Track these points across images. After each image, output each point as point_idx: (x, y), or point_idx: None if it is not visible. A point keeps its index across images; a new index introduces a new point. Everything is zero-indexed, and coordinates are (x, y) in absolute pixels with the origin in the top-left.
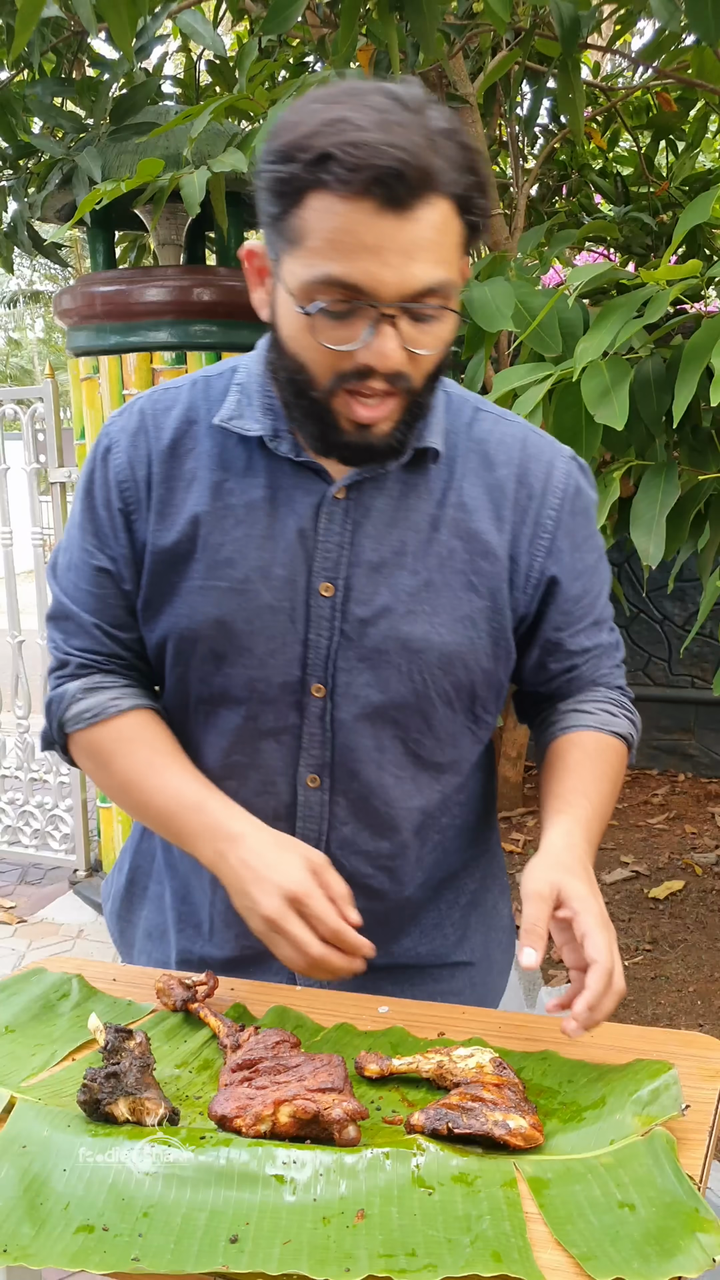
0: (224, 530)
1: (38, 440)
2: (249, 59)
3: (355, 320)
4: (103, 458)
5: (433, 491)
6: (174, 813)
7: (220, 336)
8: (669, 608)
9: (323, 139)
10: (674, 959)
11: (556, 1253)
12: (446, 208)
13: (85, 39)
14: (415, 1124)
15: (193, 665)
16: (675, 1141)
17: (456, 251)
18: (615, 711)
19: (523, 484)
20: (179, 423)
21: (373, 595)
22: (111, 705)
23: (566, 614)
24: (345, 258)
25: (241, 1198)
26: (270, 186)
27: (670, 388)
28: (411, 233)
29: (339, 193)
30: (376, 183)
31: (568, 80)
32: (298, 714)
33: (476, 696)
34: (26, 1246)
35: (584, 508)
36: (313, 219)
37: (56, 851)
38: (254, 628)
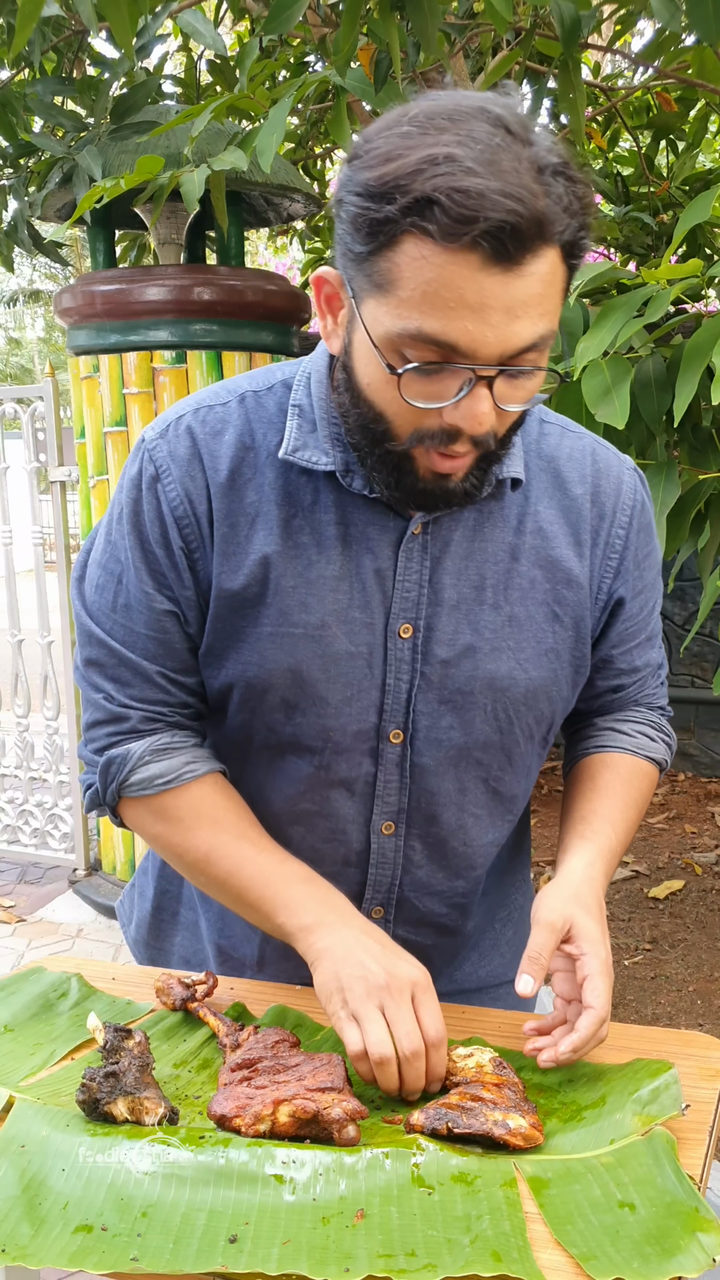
0: (296, 572)
1: (38, 439)
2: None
3: (446, 378)
4: (150, 485)
5: (509, 519)
6: (273, 883)
7: (220, 335)
8: (669, 607)
9: (426, 181)
10: (674, 958)
11: (556, 1252)
12: (554, 256)
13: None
14: (415, 1124)
15: (260, 713)
16: (675, 1141)
17: (559, 301)
18: (654, 735)
19: (595, 503)
20: (235, 449)
21: (455, 635)
22: (188, 771)
23: (623, 632)
24: (442, 314)
25: (241, 1197)
26: (357, 222)
27: (671, 387)
28: (518, 289)
29: (441, 243)
30: (485, 236)
31: (568, 80)
32: (373, 761)
33: (554, 726)
34: (25, 1246)
35: (647, 523)
36: (407, 266)
37: (56, 850)
38: (330, 675)
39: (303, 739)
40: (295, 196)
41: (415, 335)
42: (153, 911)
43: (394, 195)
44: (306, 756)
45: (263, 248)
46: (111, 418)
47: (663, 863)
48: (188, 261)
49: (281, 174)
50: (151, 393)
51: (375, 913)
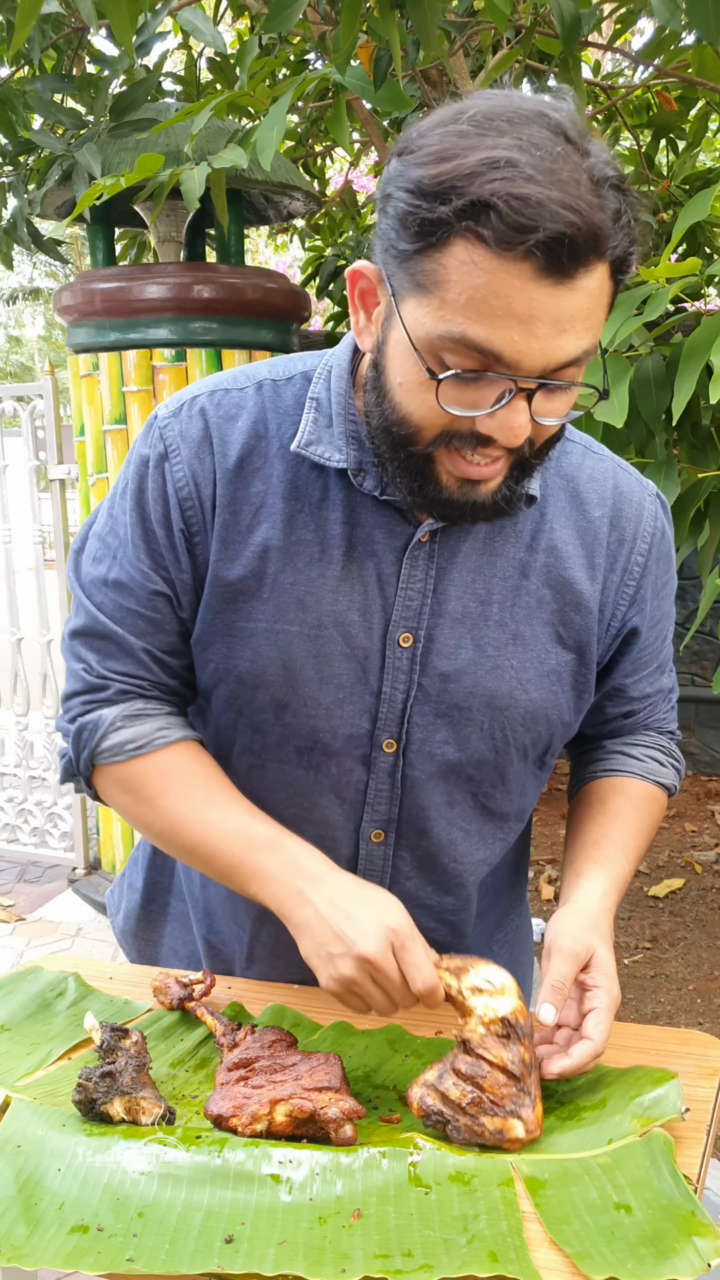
0: (296, 568)
1: (37, 437)
2: (249, 56)
3: (484, 386)
4: (157, 464)
5: (522, 534)
6: (238, 852)
7: (220, 333)
8: None
9: (484, 184)
10: (673, 957)
11: (552, 1252)
12: (604, 272)
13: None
14: (414, 1109)
15: (249, 711)
16: (673, 1143)
17: (604, 316)
18: (664, 760)
19: (615, 528)
20: (247, 436)
21: (456, 649)
22: (159, 736)
23: (636, 661)
24: (489, 322)
25: (237, 1197)
26: (405, 220)
27: (670, 385)
28: (568, 303)
29: (494, 249)
30: (541, 247)
31: (568, 78)
32: (364, 769)
33: (551, 748)
34: (20, 1247)
35: (667, 551)
36: (456, 270)
37: (55, 849)
38: (323, 676)
39: (291, 738)
40: (295, 194)
41: (459, 340)
42: (142, 903)
43: (449, 196)
44: (294, 758)
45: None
46: (111, 416)
47: (663, 861)
48: (187, 259)
49: (281, 172)
50: (151, 390)
51: None
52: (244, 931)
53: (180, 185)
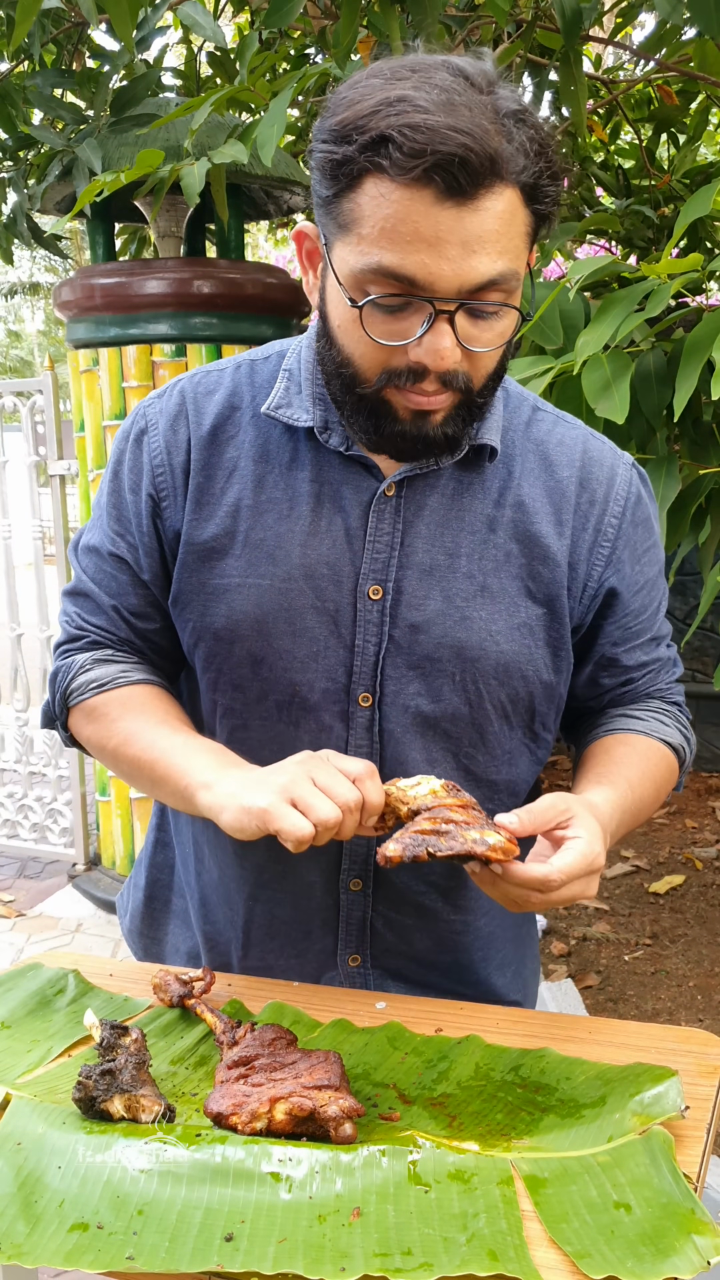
0: (266, 525)
1: (37, 433)
2: (250, 51)
3: (409, 315)
4: (137, 439)
5: (489, 491)
6: (174, 756)
7: (220, 329)
8: (670, 601)
9: (381, 120)
10: (674, 954)
11: (552, 1251)
12: (513, 196)
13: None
14: (391, 854)
15: (228, 668)
16: (673, 1141)
17: (522, 242)
18: (668, 721)
19: (585, 488)
20: (221, 408)
21: (424, 599)
22: (121, 676)
23: (625, 629)
24: (400, 248)
25: (237, 1195)
26: (323, 167)
27: (671, 381)
28: (473, 224)
29: (397, 179)
30: (437, 169)
31: (569, 72)
32: (343, 725)
33: (536, 711)
34: (20, 1244)
35: (645, 517)
36: (367, 205)
37: (55, 845)
38: (295, 629)
39: (270, 693)
40: (295, 189)
41: (376, 270)
42: (145, 901)
43: (353, 136)
44: (274, 713)
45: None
46: (111, 411)
47: (663, 857)
48: (188, 254)
49: (282, 167)
50: (151, 386)
51: (354, 885)
52: (238, 915)
53: (180, 180)
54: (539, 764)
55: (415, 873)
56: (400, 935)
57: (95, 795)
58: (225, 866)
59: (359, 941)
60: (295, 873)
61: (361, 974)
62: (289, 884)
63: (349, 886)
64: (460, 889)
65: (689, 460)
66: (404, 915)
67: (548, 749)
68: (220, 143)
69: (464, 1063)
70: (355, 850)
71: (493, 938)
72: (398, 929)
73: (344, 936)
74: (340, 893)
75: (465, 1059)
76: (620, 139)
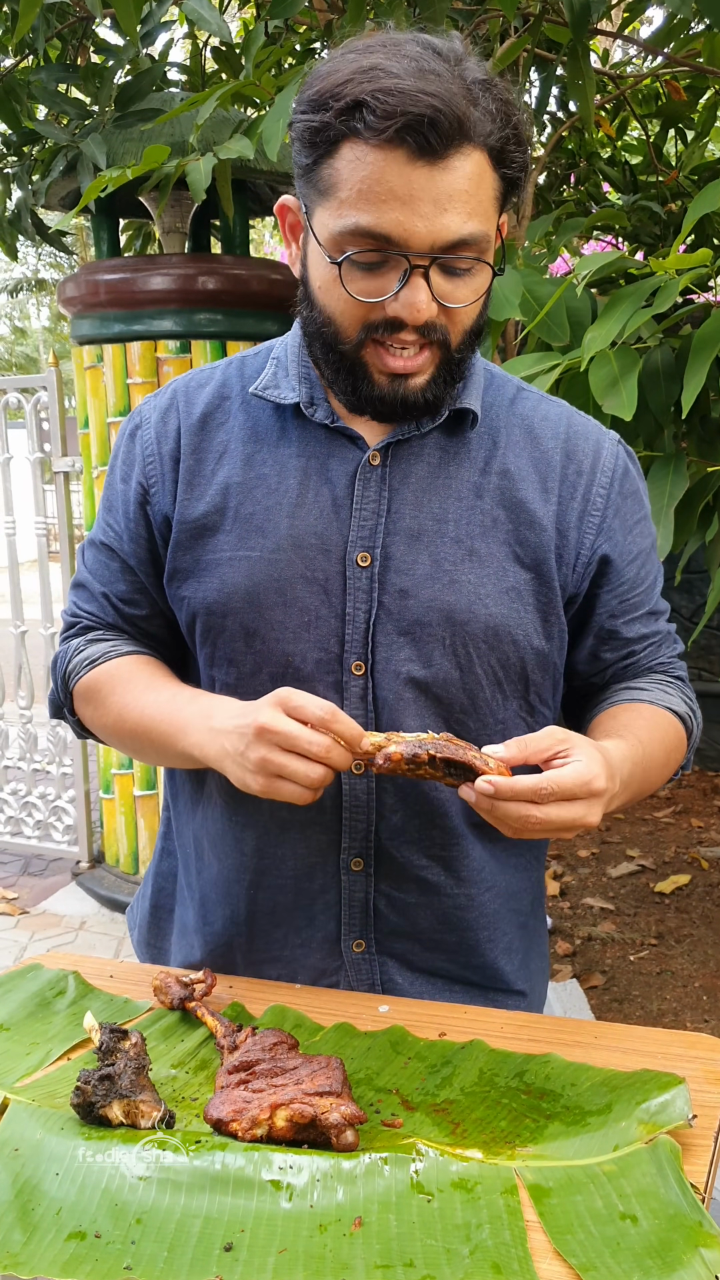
0: (255, 500)
1: (42, 429)
2: (255, 45)
3: (386, 272)
4: (131, 434)
5: (475, 459)
6: (166, 713)
7: (225, 325)
8: (676, 600)
9: (355, 87)
10: (680, 954)
11: (557, 1263)
12: (481, 159)
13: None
14: (392, 753)
15: (222, 642)
16: (680, 1151)
17: (492, 204)
18: (671, 691)
19: (571, 459)
20: (211, 397)
21: (412, 564)
22: (112, 650)
23: (622, 600)
24: (375, 207)
25: (237, 1204)
26: (302, 137)
27: (679, 378)
28: (444, 182)
29: (371, 141)
30: (409, 130)
31: (577, 67)
32: (337, 695)
33: (530, 680)
34: (17, 1254)
35: (633, 490)
36: (344, 169)
37: (59, 843)
38: (286, 599)
39: (264, 666)
40: None
41: (354, 230)
42: (151, 911)
43: (329, 103)
44: (269, 686)
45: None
46: (115, 407)
47: (669, 857)
48: (192, 250)
49: (287, 162)
50: (155, 382)
51: (355, 865)
52: (240, 909)
53: (186, 176)
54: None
55: (415, 844)
56: (404, 914)
57: (99, 793)
58: (225, 858)
59: (362, 925)
60: (295, 855)
61: (367, 960)
62: (289, 868)
63: (350, 866)
64: (462, 859)
65: (697, 458)
66: (406, 893)
67: (545, 724)
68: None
69: (468, 1068)
70: (355, 828)
71: (497, 916)
72: (400, 908)
73: (347, 920)
74: (341, 873)
75: (469, 1064)
76: (628, 134)
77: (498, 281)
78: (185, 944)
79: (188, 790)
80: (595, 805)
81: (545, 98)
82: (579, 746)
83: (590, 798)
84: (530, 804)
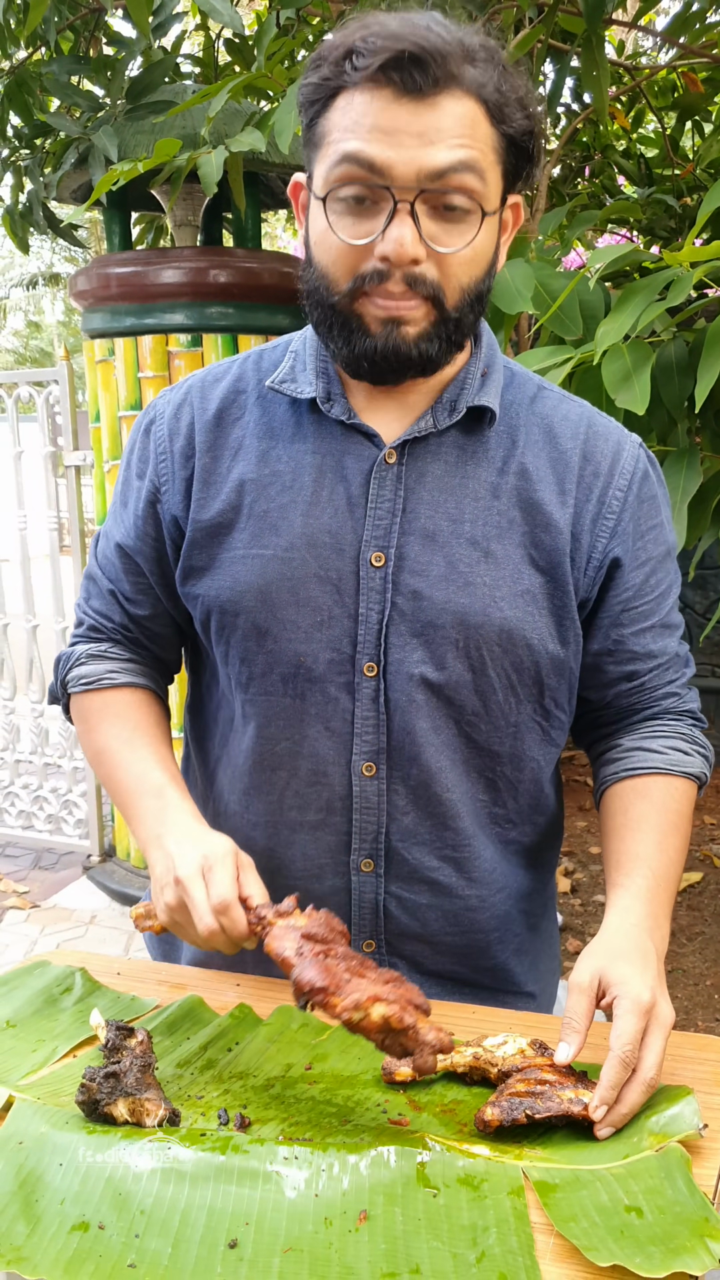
0: (269, 497)
1: (54, 423)
2: (268, 37)
3: (375, 214)
4: (146, 429)
5: (493, 459)
6: (132, 792)
7: (236, 319)
8: (690, 595)
9: (348, 37)
10: (691, 952)
11: (562, 1266)
12: (473, 106)
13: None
14: (490, 1119)
15: (234, 641)
16: (689, 1159)
17: (489, 151)
18: (687, 750)
19: (589, 460)
20: (227, 392)
21: (427, 565)
22: (107, 677)
23: (628, 606)
24: (360, 138)
25: (241, 1194)
26: (304, 98)
27: (693, 372)
28: (430, 119)
29: (360, 85)
30: (393, 66)
31: (592, 58)
32: (349, 696)
33: (544, 685)
34: (20, 1247)
35: (651, 495)
36: (337, 117)
37: (70, 837)
38: (298, 598)
39: (276, 666)
40: None
41: (340, 160)
42: None
43: (326, 58)
44: (280, 687)
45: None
46: (127, 401)
47: None
48: (204, 243)
49: (299, 154)
50: (167, 376)
51: (365, 866)
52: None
53: (198, 169)
54: (554, 746)
55: (425, 846)
56: (414, 915)
57: None
58: None
59: (373, 925)
60: (305, 856)
61: (377, 960)
62: (299, 868)
63: (360, 868)
64: (474, 860)
65: (710, 452)
66: (417, 894)
67: (562, 730)
68: (238, 130)
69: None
70: (365, 829)
71: (508, 918)
72: (411, 909)
73: (357, 920)
74: (351, 874)
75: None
76: (643, 126)
77: (511, 274)
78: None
79: (200, 788)
80: (660, 1013)
81: (559, 90)
82: (616, 984)
83: (653, 1012)
84: (636, 1081)
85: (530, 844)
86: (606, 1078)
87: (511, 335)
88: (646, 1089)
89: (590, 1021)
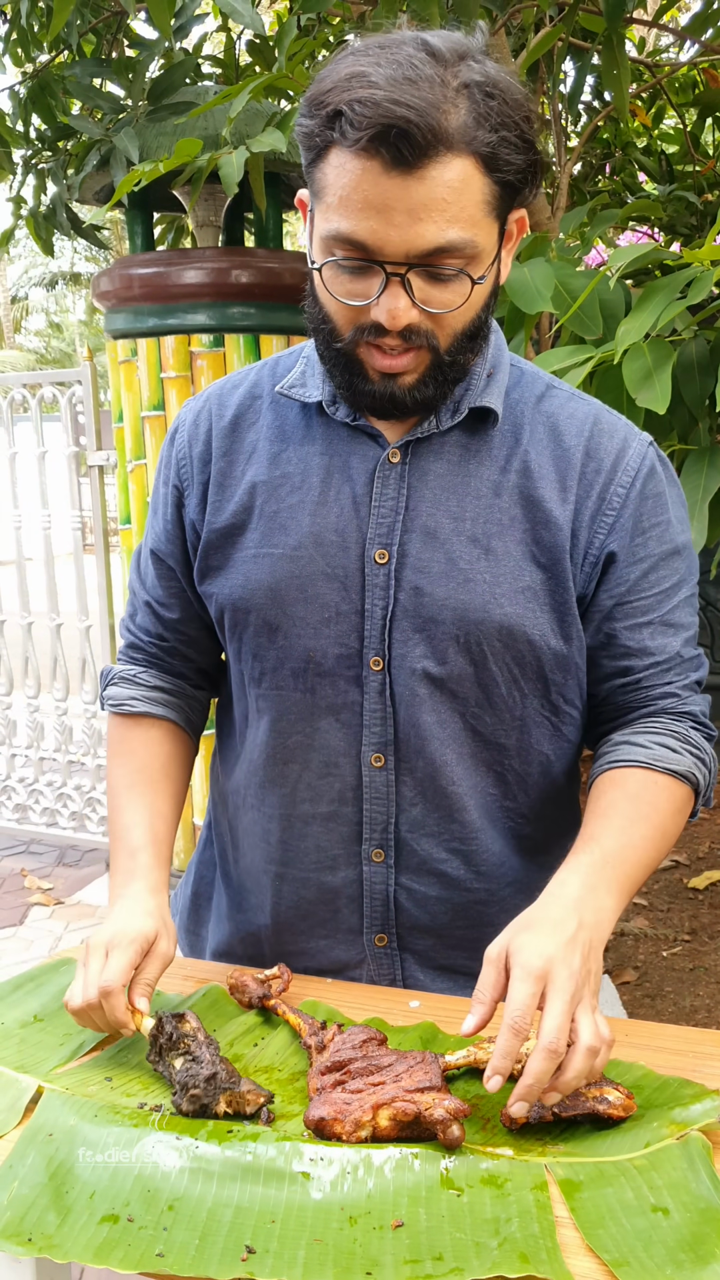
0: (279, 498)
1: (77, 423)
2: (288, 37)
3: (369, 277)
4: (171, 438)
5: (496, 458)
6: (116, 840)
7: (258, 319)
8: (711, 593)
9: (337, 95)
10: (713, 949)
11: (589, 1259)
12: (466, 165)
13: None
14: (515, 1115)
15: (247, 637)
16: (711, 1147)
17: (480, 210)
18: (676, 747)
19: (591, 456)
20: (243, 398)
21: (428, 562)
22: (129, 704)
23: (622, 600)
24: (353, 216)
25: (268, 1194)
26: (300, 138)
27: (714, 370)
28: (419, 193)
29: (351, 150)
30: (381, 141)
31: (612, 56)
32: (358, 690)
33: (549, 680)
34: (51, 1236)
35: (656, 492)
36: (330, 174)
37: (94, 834)
38: (306, 595)
39: (286, 661)
40: None
41: (335, 236)
42: (191, 897)
43: (316, 111)
44: (291, 681)
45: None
46: (149, 402)
47: (703, 853)
48: (226, 244)
49: None
50: (189, 376)
51: (376, 856)
52: (266, 900)
53: (219, 169)
54: (567, 742)
55: (434, 837)
56: (424, 908)
57: None
58: (253, 848)
59: (384, 918)
60: (318, 847)
61: (389, 954)
62: (312, 859)
63: (371, 858)
64: (482, 853)
65: None
66: (427, 886)
67: (574, 725)
68: (259, 131)
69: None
70: (374, 819)
71: (518, 912)
72: (421, 901)
73: (369, 912)
74: (363, 864)
75: None
76: (664, 124)
77: (531, 274)
78: (219, 930)
79: (222, 779)
80: (554, 969)
81: (580, 88)
82: (512, 954)
83: (548, 977)
84: (539, 1049)
85: (544, 839)
86: (498, 1046)
87: (532, 334)
88: (550, 1056)
89: (499, 993)
